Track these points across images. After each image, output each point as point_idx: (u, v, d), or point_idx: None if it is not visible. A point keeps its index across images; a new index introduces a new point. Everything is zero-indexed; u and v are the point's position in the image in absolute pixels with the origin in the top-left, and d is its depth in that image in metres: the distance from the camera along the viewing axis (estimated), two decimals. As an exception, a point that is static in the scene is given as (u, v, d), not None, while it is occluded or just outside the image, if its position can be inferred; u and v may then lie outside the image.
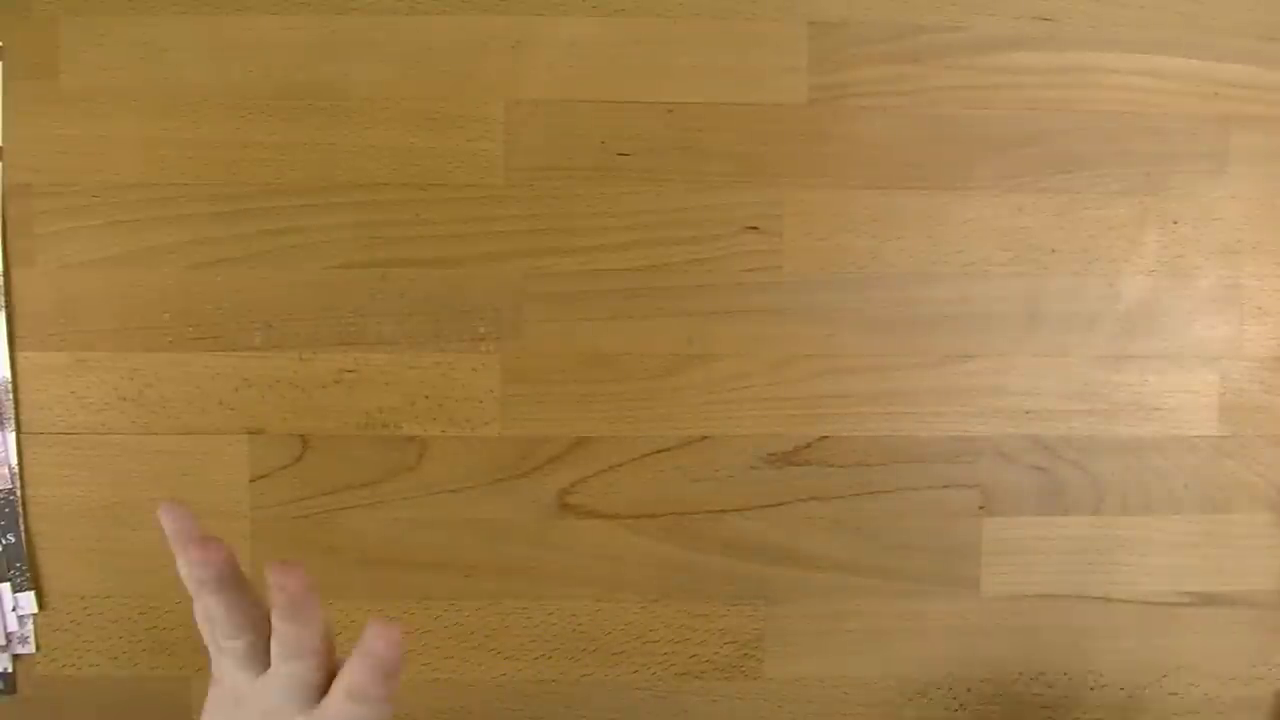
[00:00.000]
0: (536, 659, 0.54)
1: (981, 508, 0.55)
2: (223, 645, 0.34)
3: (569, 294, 0.54)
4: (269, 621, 0.33)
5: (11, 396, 0.52)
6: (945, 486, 0.55)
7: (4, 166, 0.52)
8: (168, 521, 0.34)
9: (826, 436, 0.54)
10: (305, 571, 0.33)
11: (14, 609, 0.53)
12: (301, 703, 0.33)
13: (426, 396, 0.53)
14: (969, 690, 0.55)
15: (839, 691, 0.55)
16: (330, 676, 0.33)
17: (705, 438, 0.54)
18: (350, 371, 0.53)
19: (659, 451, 0.54)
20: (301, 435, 0.53)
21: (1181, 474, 0.55)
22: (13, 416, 0.52)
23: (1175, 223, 0.55)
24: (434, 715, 0.54)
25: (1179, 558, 0.55)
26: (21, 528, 0.52)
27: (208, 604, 0.33)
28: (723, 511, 0.54)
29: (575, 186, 0.53)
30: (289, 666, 0.33)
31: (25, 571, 0.53)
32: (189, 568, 0.33)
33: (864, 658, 0.55)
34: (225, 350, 0.53)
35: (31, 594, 0.53)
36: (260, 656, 0.34)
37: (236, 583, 0.33)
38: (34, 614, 0.53)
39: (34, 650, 0.53)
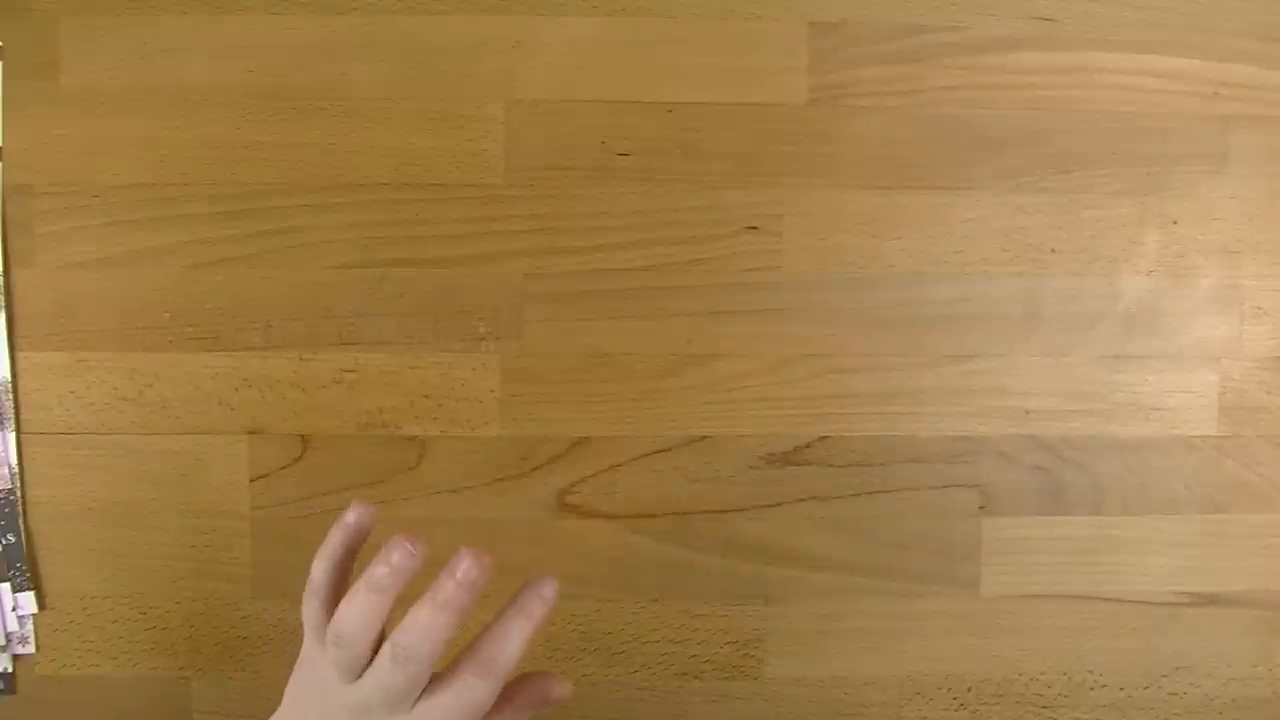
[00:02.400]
0: (536, 659, 0.54)
1: (981, 508, 0.55)
2: (341, 651, 0.33)
3: (569, 294, 0.54)
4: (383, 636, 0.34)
5: (11, 396, 0.52)
6: (945, 486, 0.55)
7: (4, 166, 0.52)
8: (359, 516, 0.35)
9: (826, 436, 0.54)
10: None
11: (14, 609, 0.53)
12: (397, 707, 0.33)
13: (426, 396, 0.53)
14: (969, 690, 0.55)
15: (839, 691, 0.55)
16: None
17: (705, 438, 0.54)
18: (350, 371, 0.53)
19: (659, 451, 0.54)
20: (301, 435, 0.53)
21: (1181, 474, 0.55)
22: (13, 416, 0.52)
23: (1175, 223, 0.55)
24: (434, 715, 0.54)
25: (1179, 558, 0.55)
26: (21, 528, 0.52)
27: (373, 603, 0.33)
28: (723, 511, 0.54)
29: (575, 186, 0.53)
30: (404, 671, 0.33)
31: (25, 571, 0.53)
32: (385, 565, 0.33)
33: (864, 658, 0.55)
34: (225, 350, 0.53)
35: (31, 594, 0.53)
36: (365, 665, 0.34)
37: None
38: (34, 614, 0.53)
39: (34, 650, 0.53)
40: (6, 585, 0.53)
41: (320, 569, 0.36)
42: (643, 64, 0.53)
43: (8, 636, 0.53)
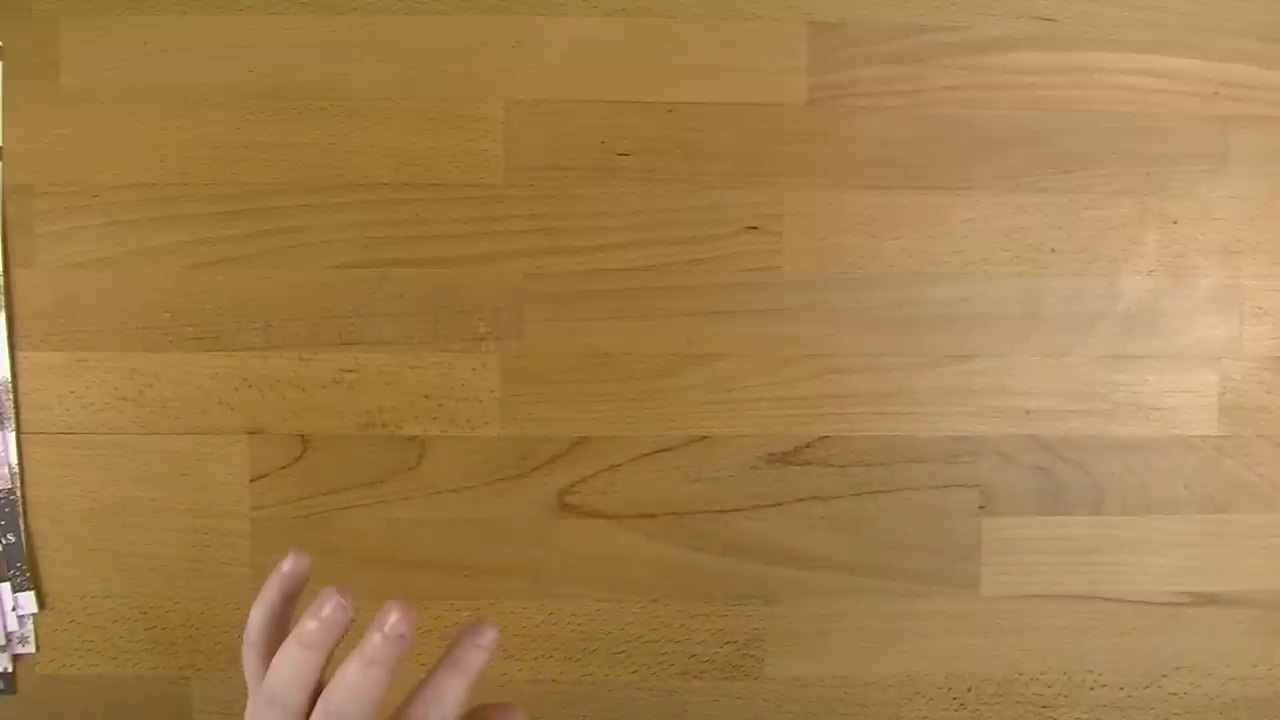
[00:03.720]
0: (536, 659, 0.54)
1: (981, 508, 0.55)
2: (275, 708, 0.32)
3: (569, 294, 0.54)
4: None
5: (11, 396, 0.52)
6: (945, 486, 0.55)
7: (4, 166, 0.52)
8: (295, 565, 0.34)
9: (826, 436, 0.54)
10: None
11: (14, 609, 0.53)
12: None
13: (426, 396, 0.53)
14: (969, 690, 0.55)
15: (839, 691, 0.55)
16: None
17: (705, 438, 0.54)
18: (350, 371, 0.53)
19: (659, 451, 0.54)
20: (301, 435, 0.53)
21: (1181, 474, 0.55)
22: (13, 416, 0.52)
23: (1175, 223, 0.55)
24: (434, 715, 0.54)
25: (1179, 558, 0.55)
26: (21, 528, 0.52)
27: (304, 658, 0.32)
28: (723, 511, 0.54)
29: (575, 186, 0.53)
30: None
31: (25, 571, 0.53)
32: (315, 619, 0.32)
33: (864, 658, 0.55)
34: (225, 350, 0.53)
35: (31, 594, 0.53)
36: (304, 716, 0.33)
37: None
38: (34, 614, 0.53)
39: (34, 650, 0.53)
40: (6, 585, 0.53)
41: (257, 619, 0.35)
42: (643, 64, 0.53)
43: (8, 636, 0.53)
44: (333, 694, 0.32)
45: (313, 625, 0.32)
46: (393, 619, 0.32)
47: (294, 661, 0.32)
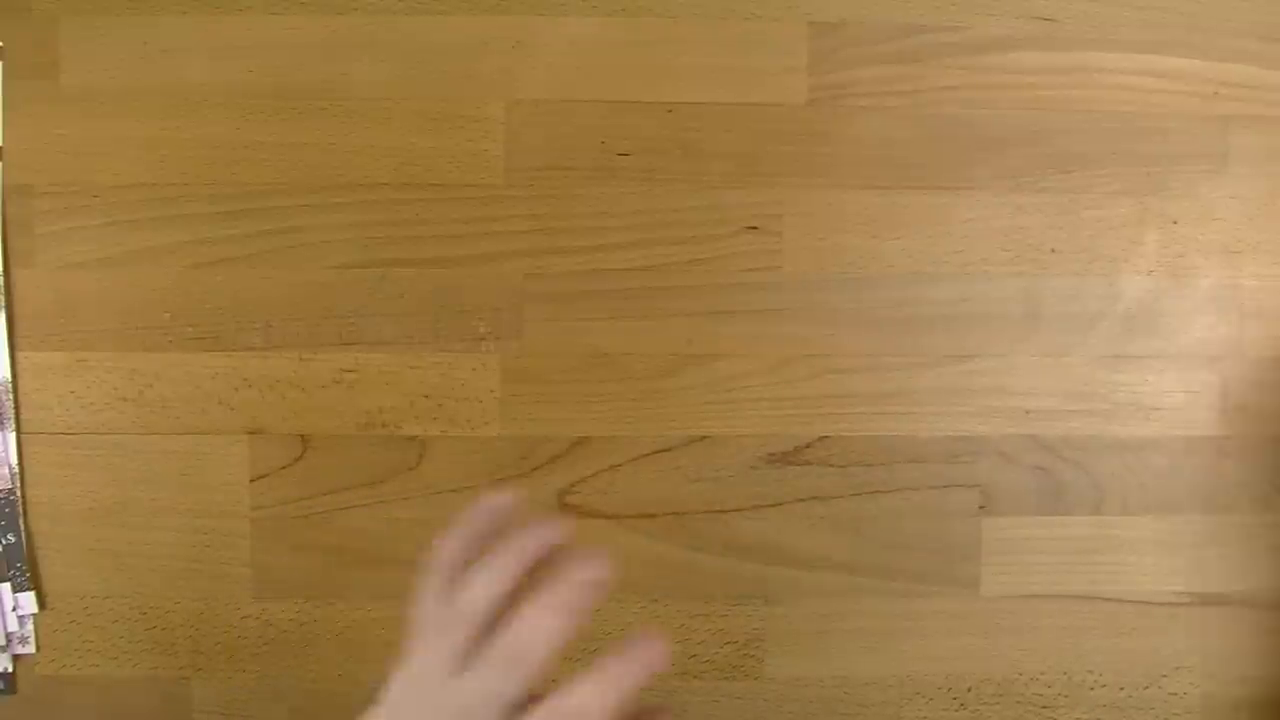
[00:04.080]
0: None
1: (981, 508, 0.55)
2: (458, 614, 0.33)
3: (569, 294, 0.54)
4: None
5: (11, 396, 0.52)
6: (945, 486, 0.55)
7: (4, 166, 0.52)
8: (504, 500, 0.35)
9: (826, 436, 0.54)
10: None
11: (14, 609, 0.53)
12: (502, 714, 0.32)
13: (426, 396, 0.53)
14: (969, 690, 0.55)
15: (839, 691, 0.55)
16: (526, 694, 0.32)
17: (705, 438, 0.54)
18: (350, 371, 0.53)
19: (659, 451, 0.54)
20: (301, 435, 0.53)
21: (1181, 474, 0.55)
22: (13, 416, 0.52)
23: (1175, 223, 0.55)
24: (434, 715, 0.54)
25: (1179, 558, 0.55)
26: (21, 528, 0.52)
27: (500, 577, 0.32)
28: (723, 511, 0.54)
29: (575, 186, 0.53)
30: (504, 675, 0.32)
31: (25, 571, 0.53)
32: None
33: (864, 658, 0.55)
34: (225, 350, 0.53)
35: (31, 594, 0.53)
36: (472, 650, 0.33)
37: None
38: (34, 614, 0.53)
39: (34, 650, 0.53)
40: (6, 585, 0.53)
41: (446, 551, 0.35)
42: (643, 64, 0.53)
43: (8, 636, 0.53)
44: (509, 633, 0.32)
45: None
46: (590, 565, 0.32)
47: (498, 570, 0.33)
